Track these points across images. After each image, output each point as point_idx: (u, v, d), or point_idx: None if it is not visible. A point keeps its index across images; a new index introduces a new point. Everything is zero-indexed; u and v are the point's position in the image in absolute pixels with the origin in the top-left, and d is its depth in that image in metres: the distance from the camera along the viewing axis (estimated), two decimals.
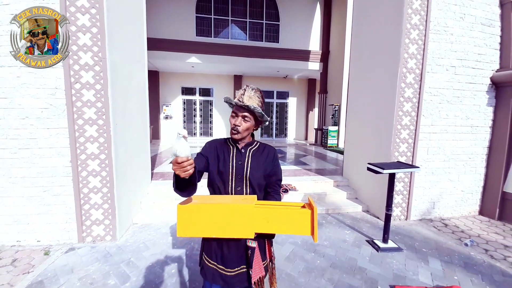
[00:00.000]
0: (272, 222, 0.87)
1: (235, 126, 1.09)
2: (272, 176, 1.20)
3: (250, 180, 1.13)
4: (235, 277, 1.08)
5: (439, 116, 3.39)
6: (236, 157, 1.15)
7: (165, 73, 10.30)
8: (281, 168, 1.27)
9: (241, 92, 1.10)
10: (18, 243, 2.58)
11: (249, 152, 1.18)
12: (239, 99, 1.08)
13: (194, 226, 0.89)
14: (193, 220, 0.89)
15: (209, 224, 0.88)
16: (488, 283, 2.15)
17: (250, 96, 1.08)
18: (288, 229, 0.88)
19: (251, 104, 1.06)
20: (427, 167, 3.43)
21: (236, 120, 1.10)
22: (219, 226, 0.88)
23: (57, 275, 2.13)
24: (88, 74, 2.46)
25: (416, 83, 3.23)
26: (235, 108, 1.12)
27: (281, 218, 0.87)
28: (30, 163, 2.50)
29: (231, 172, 1.13)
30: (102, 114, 2.52)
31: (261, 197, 1.20)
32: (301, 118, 11.84)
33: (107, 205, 2.66)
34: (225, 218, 0.87)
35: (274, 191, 1.21)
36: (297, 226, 0.87)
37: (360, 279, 2.16)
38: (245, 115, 1.09)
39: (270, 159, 1.19)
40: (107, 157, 2.58)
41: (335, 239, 2.86)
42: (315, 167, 5.43)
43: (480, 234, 3.07)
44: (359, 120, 4.09)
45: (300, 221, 0.86)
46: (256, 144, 1.23)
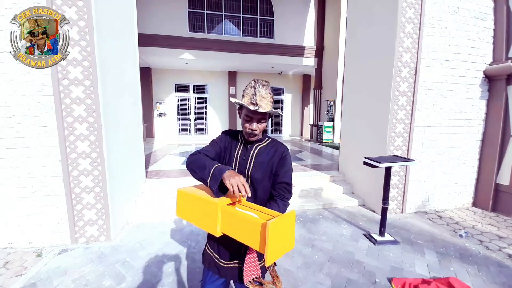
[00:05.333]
0: (233, 226, 0.81)
1: (252, 131, 1.04)
2: (277, 176, 1.10)
3: (252, 179, 1.08)
4: (228, 269, 1.09)
5: (433, 110, 3.42)
6: (241, 153, 1.12)
7: (158, 70, 10.11)
8: (291, 170, 1.14)
9: (251, 92, 0.99)
10: (9, 245, 2.50)
11: (255, 148, 1.12)
12: (252, 102, 0.98)
13: (185, 211, 0.99)
14: (185, 205, 0.98)
15: (192, 212, 0.95)
16: (484, 273, 2.18)
17: (263, 96, 0.99)
18: (243, 238, 0.79)
19: (267, 107, 1.00)
20: (422, 160, 3.46)
21: (252, 125, 1.03)
22: (197, 215, 0.93)
23: (50, 277, 2.07)
24: (76, 69, 2.37)
25: (411, 77, 3.24)
26: (250, 112, 1.01)
27: (238, 223, 0.79)
28: (18, 163, 2.41)
29: (234, 168, 1.10)
30: (92, 111, 2.44)
31: (264, 198, 1.12)
32: (296, 114, 11.84)
33: (100, 205, 2.59)
34: (200, 209, 0.92)
35: (278, 195, 1.10)
36: (250, 238, 0.76)
37: (358, 272, 2.17)
38: (261, 118, 1.03)
39: (277, 158, 1.10)
40: (98, 155, 2.51)
41: (332, 234, 2.87)
42: (311, 163, 5.43)
43: (474, 226, 3.12)
44: (355, 115, 4.09)
45: (252, 232, 0.74)
46: (266, 141, 1.15)
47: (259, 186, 1.09)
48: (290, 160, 1.14)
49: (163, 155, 6.25)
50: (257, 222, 0.73)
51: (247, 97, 1.00)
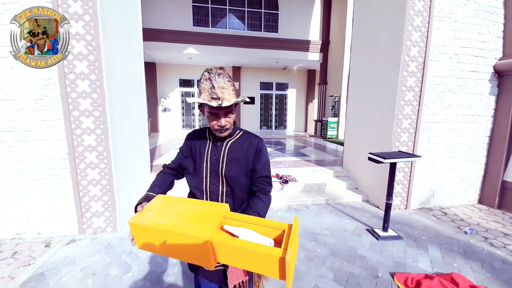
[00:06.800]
0: (235, 256, 0.69)
1: (222, 128, 0.95)
2: (256, 171, 1.03)
3: (226, 178, 1.00)
4: (213, 273, 1.04)
5: (441, 105, 3.35)
6: (211, 152, 1.03)
7: (162, 65, 10.12)
8: (269, 161, 1.08)
9: (208, 85, 0.86)
10: (18, 236, 2.58)
11: (226, 144, 1.03)
12: (212, 97, 0.86)
13: (151, 244, 0.77)
14: (148, 238, 0.77)
15: (165, 247, 0.75)
16: (488, 270, 2.17)
17: (222, 87, 0.87)
18: (253, 267, 0.68)
19: (230, 98, 0.89)
20: (428, 157, 3.42)
21: (219, 121, 0.93)
22: (174, 250, 0.75)
23: (58, 266, 2.13)
24: (82, 64, 2.39)
25: (418, 71, 3.17)
26: (214, 109, 0.90)
27: (244, 256, 0.68)
28: (27, 156, 2.47)
29: (205, 169, 1.02)
30: (98, 105, 2.47)
31: (243, 196, 1.06)
32: (300, 109, 11.76)
33: (107, 197, 2.64)
34: (177, 243, 0.73)
35: (261, 190, 1.04)
36: (264, 267, 0.67)
37: (361, 267, 2.18)
38: (228, 111, 0.93)
39: (251, 153, 1.01)
40: (104, 149, 2.55)
41: (335, 228, 2.88)
42: (315, 158, 5.42)
43: (479, 223, 3.09)
44: (360, 110, 4.05)
45: (265, 264, 0.65)
46: (238, 134, 1.06)
47: (236, 185, 1.02)
48: (266, 151, 1.07)
49: (167, 149, 6.30)
50: (272, 255, 0.63)
51: (206, 93, 0.87)
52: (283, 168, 4.51)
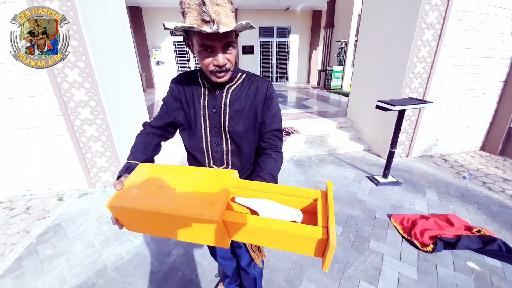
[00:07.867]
0: (254, 236, 0.55)
1: (220, 67, 0.70)
2: (265, 124, 0.84)
3: (232, 135, 0.83)
4: None
5: (461, 46, 3.02)
6: (209, 103, 0.81)
7: (149, 10, 9.01)
8: (280, 112, 0.88)
9: (196, 1, 0.59)
10: (29, 193, 2.67)
11: (227, 93, 0.80)
12: (203, 18, 0.59)
13: (144, 227, 0.63)
14: (139, 220, 0.61)
15: (164, 231, 0.59)
16: (484, 212, 2.25)
17: (217, 3, 0.60)
18: (280, 245, 0.54)
19: (228, 21, 0.62)
20: (438, 104, 3.26)
21: (217, 57, 0.67)
22: (177, 233, 0.58)
23: (74, 217, 2.26)
24: (53, 4, 2.06)
25: (442, 4, 2.74)
26: (206, 39, 0.64)
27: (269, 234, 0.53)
28: (18, 114, 2.36)
29: (203, 125, 0.83)
30: (81, 55, 2.23)
31: (251, 153, 0.90)
32: (303, 59, 10.95)
33: (110, 153, 2.64)
34: (179, 227, 0.57)
35: (271, 147, 0.86)
36: (295, 246, 0.53)
37: (359, 210, 2.30)
38: (228, 43, 0.67)
39: (260, 100, 0.82)
40: (97, 104, 2.42)
41: (336, 176, 2.95)
42: (318, 110, 5.26)
43: (479, 168, 3.14)
44: (369, 54, 3.69)
45: (301, 242, 0.52)
46: (240, 77, 0.83)
47: (243, 142, 0.85)
48: (277, 99, 0.87)
49: None
50: (309, 236, 0.50)
51: (193, 12, 0.60)
52: (285, 120, 4.40)
